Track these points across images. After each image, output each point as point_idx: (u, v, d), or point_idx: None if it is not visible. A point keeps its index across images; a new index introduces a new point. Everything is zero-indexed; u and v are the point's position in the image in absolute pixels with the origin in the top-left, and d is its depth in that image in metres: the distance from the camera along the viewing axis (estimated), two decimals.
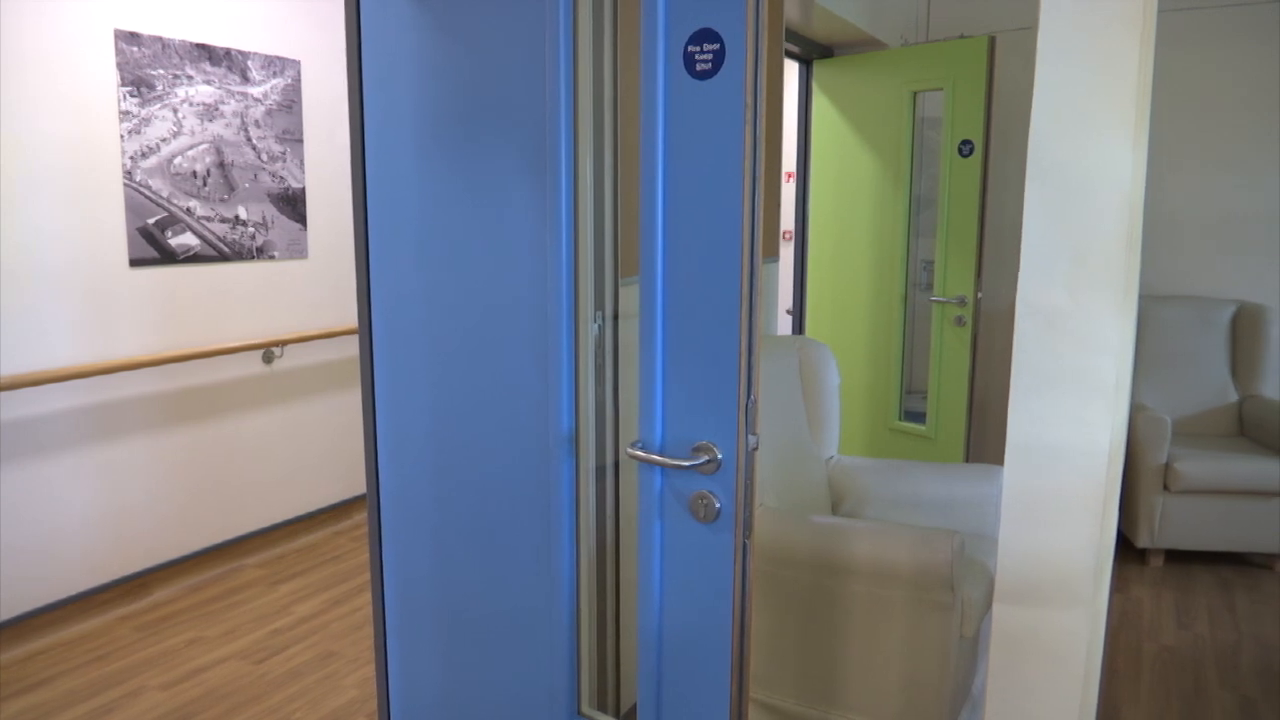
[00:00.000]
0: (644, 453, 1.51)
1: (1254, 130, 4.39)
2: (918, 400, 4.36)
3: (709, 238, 1.43)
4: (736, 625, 1.51)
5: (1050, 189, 1.28)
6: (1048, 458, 1.35)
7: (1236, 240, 4.47)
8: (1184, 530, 3.89)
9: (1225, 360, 4.31)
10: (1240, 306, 4.33)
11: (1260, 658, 3.22)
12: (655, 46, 1.49)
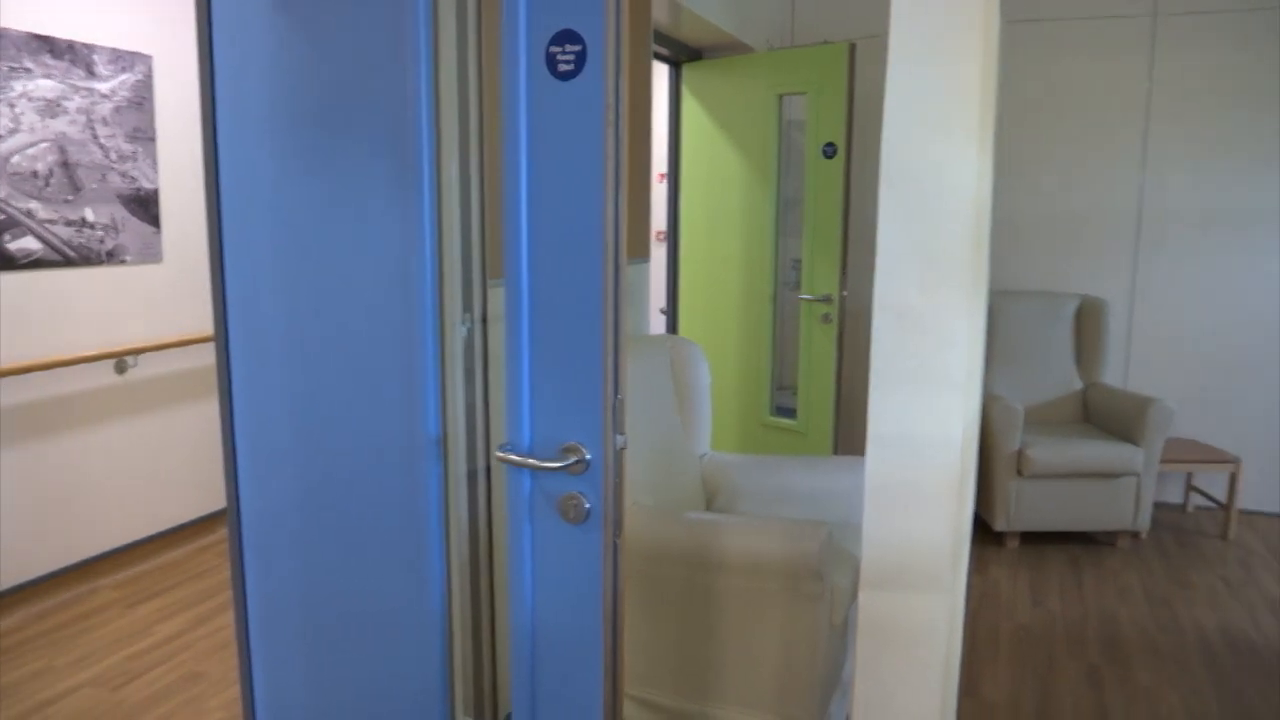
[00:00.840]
0: (512, 455, 1.50)
1: (1094, 135, 4.68)
2: (789, 396, 4.47)
3: (572, 238, 1.43)
4: (609, 624, 1.51)
5: (902, 192, 1.33)
6: (906, 449, 1.41)
7: (1079, 238, 4.75)
8: (1037, 513, 4.10)
9: (1070, 351, 4.58)
10: (1083, 300, 4.60)
11: (1104, 629, 3.43)
12: (516, 47, 1.48)
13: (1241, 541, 4.34)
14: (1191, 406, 4.72)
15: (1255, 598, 3.73)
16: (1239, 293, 4.60)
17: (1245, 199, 4.53)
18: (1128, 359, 4.76)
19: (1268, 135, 4.47)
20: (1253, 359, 4.62)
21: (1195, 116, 4.55)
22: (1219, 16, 4.45)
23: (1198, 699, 2.96)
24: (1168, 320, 4.70)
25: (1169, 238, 4.64)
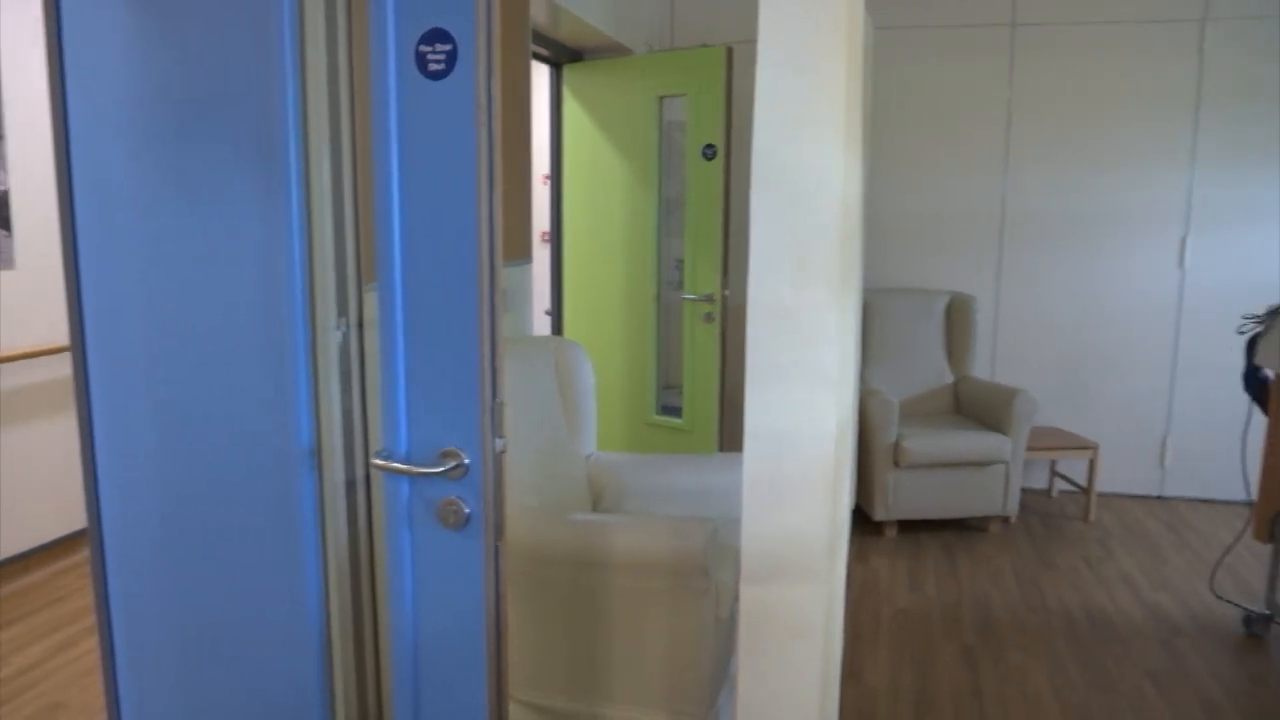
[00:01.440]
0: (389, 462, 1.47)
1: (960, 139, 4.88)
2: (675, 394, 4.51)
3: (446, 240, 1.41)
4: (492, 629, 1.50)
5: (773, 193, 1.36)
6: (781, 444, 1.43)
7: (948, 237, 4.95)
8: (914, 502, 4.26)
9: (941, 346, 4.77)
10: (952, 297, 4.79)
11: (978, 611, 3.58)
12: (385, 46, 1.45)
13: (1101, 522, 4.59)
14: (1054, 396, 4.97)
15: (1113, 575, 3.95)
16: (1094, 288, 4.87)
17: (1097, 200, 4.80)
18: (994, 352, 4.99)
19: (1116, 141, 4.74)
20: (1108, 351, 4.90)
21: (1051, 122, 4.79)
22: (1070, 28, 4.70)
23: (1062, 674, 3.12)
24: (1030, 315, 4.94)
25: (1029, 236, 4.88)
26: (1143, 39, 4.67)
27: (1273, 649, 3.32)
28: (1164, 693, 3.01)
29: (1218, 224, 4.74)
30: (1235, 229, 4.73)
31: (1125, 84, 4.71)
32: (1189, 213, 4.75)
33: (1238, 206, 4.71)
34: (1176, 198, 4.75)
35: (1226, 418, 4.80)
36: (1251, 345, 3.23)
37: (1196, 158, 4.70)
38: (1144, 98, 4.71)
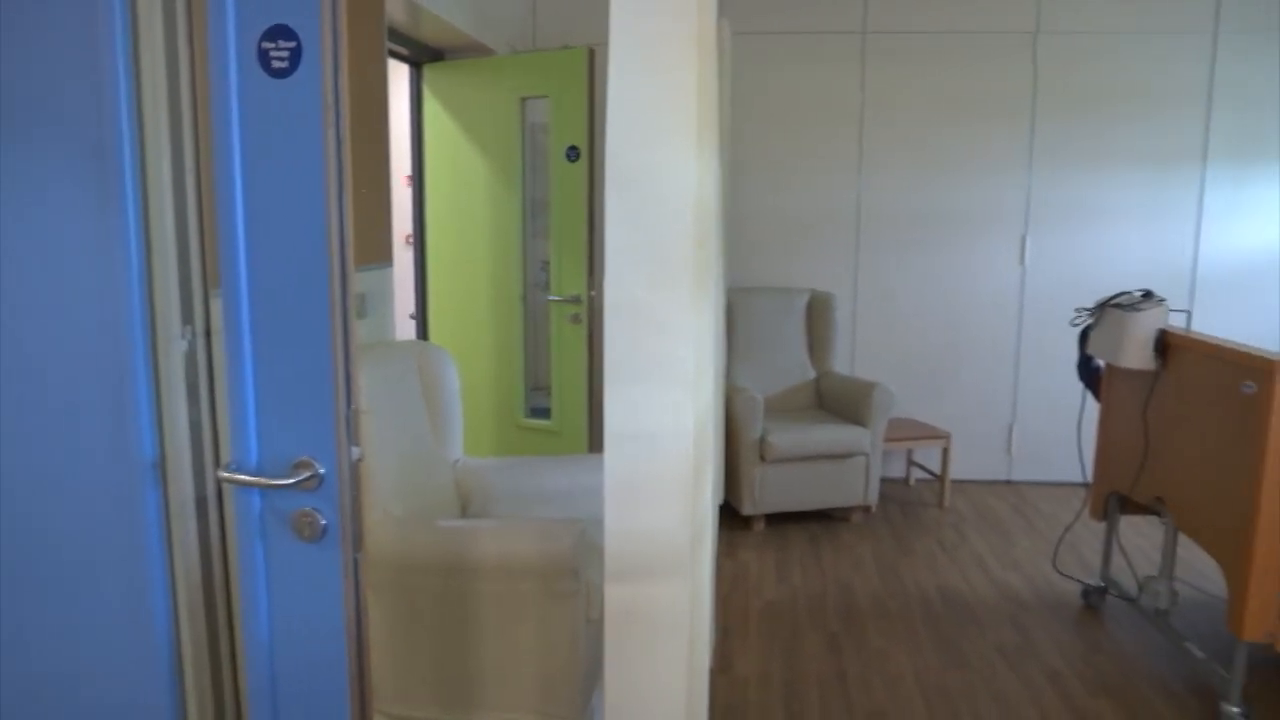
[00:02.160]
0: (238, 474, 1.41)
1: (818, 141, 5.04)
2: (544, 396, 4.50)
3: (295, 244, 1.36)
4: (353, 643, 1.46)
5: (626, 195, 1.37)
6: (641, 442, 1.45)
7: (807, 237, 5.10)
8: (780, 495, 4.37)
9: (803, 342, 4.91)
10: (812, 295, 4.94)
11: (842, 598, 3.70)
12: (225, 42, 1.39)
13: (955, 508, 4.82)
14: (909, 389, 5.19)
15: (966, 557, 4.15)
16: (944, 285, 5.11)
17: (945, 201, 5.04)
18: (854, 347, 5.17)
19: (961, 144, 4.99)
20: (958, 344, 5.15)
21: (901, 126, 5.00)
22: (917, 37, 4.91)
23: (921, 654, 3.26)
24: (886, 311, 5.14)
25: (884, 236, 5.08)
26: (983, 49, 4.92)
27: (1107, 619, 3.56)
28: (1013, 666, 3.18)
29: (1053, 223, 5.04)
30: (1069, 228, 5.04)
31: (968, 90, 4.96)
32: (1028, 213, 5.04)
33: (1071, 207, 5.02)
34: (1016, 198, 5.02)
35: (1065, 405, 5.11)
36: (1084, 336, 3.45)
37: (1033, 161, 4.99)
38: (985, 104, 4.96)
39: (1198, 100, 4.93)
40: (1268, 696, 3.00)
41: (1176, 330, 3.11)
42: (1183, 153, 4.97)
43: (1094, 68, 4.91)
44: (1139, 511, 3.50)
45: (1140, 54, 4.90)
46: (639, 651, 1.61)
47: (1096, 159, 4.98)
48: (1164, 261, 5.06)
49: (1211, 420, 2.85)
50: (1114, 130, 4.96)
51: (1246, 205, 5.01)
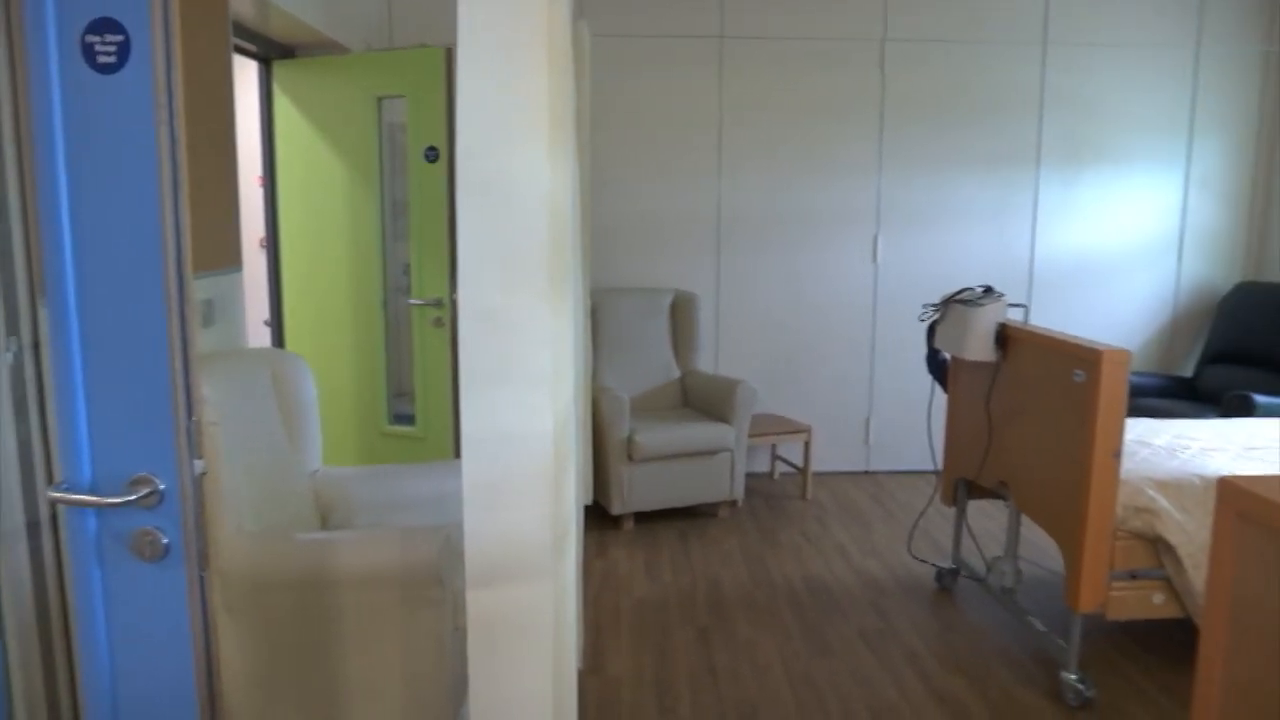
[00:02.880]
0: (70, 494, 1.33)
1: (679, 143, 5.10)
2: (408, 402, 4.41)
3: (126, 248, 1.29)
4: (201, 667, 1.40)
5: (478, 198, 1.36)
6: (499, 446, 1.44)
7: (670, 237, 5.16)
8: (649, 494, 4.41)
9: (668, 342, 4.97)
10: (676, 294, 5.00)
11: (711, 592, 3.77)
12: (45, 35, 1.31)
13: (817, 499, 4.97)
14: (772, 385, 5.32)
15: (829, 546, 4.29)
16: (802, 283, 5.26)
17: (801, 202, 5.19)
18: (717, 346, 5.26)
19: (815, 146, 5.15)
20: (816, 340, 5.31)
21: (759, 128, 5.12)
22: (772, 42, 5.04)
23: (788, 643, 3.35)
24: (748, 309, 5.26)
25: (744, 236, 5.19)
26: (835, 55, 5.09)
27: (959, 598, 3.74)
28: (874, 649, 3.30)
29: (903, 223, 5.26)
30: (917, 227, 5.27)
31: (822, 95, 5.12)
32: (879, 213, 5.24)
33: (918, 207, 5.25)
34: (868, 199, 5.22)
35: (917, 397, 5.35)
36: (931, 331, 3.61)
37: (883, 163, 5.20)
38: (838, 108, 5.14)
39: (1031, 106, 5.23)
40: (1101, 663, 3.21)
41: (1015, 324, 3.30)
42: (1019, 156, 5.27)
43: (937, 74, 5.15)
44: (985, 496, 3.69)
45: (979, 62, 5.17)
46: (503, 657, 1.59)
47: (941, 161, 5.23)
48: (1004, 258, 5.35)
49: (1047, 407, 3.03)
50: (956, 134, 5.21)
51: (1076, 205, 5.35)
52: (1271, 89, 5.38)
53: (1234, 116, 5.40)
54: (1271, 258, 5.41)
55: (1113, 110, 5.30)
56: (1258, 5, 5.30)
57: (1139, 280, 5.46)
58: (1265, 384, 4.77)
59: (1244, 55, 5.34)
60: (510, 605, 1.53)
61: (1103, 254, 5.42)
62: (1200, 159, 5.40)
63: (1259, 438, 3.54)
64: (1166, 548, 2.86)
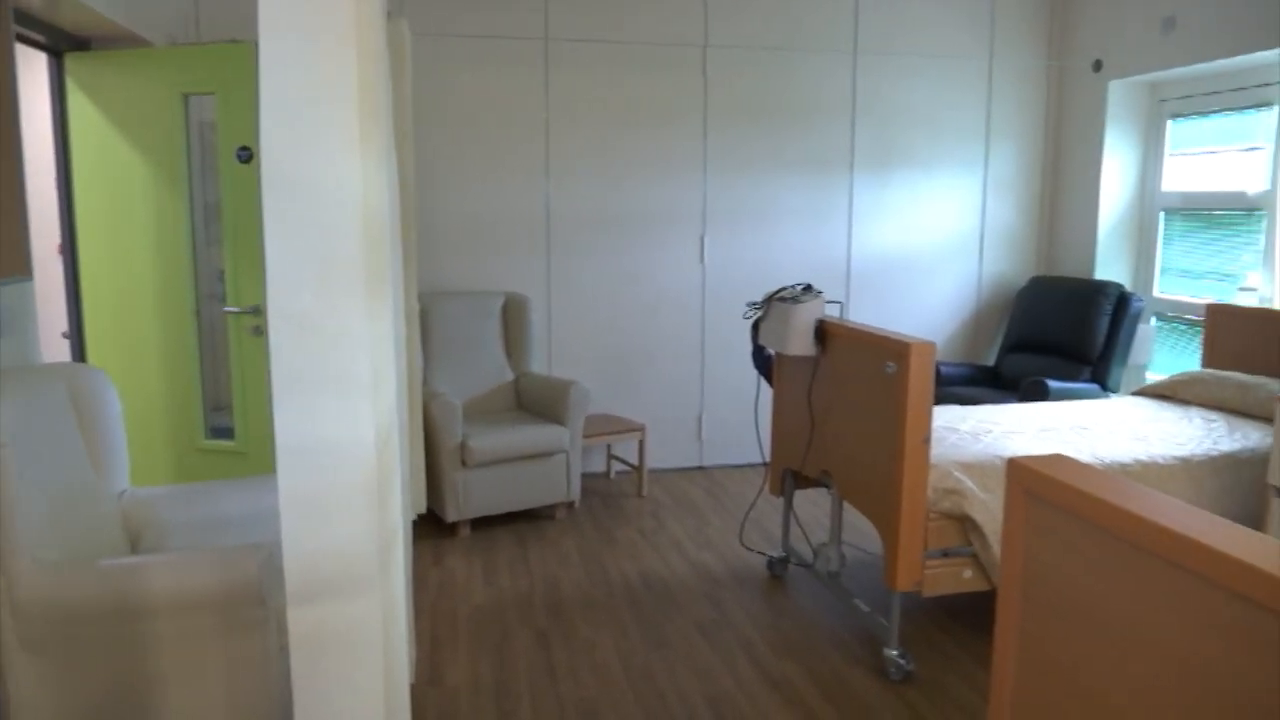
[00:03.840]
0: None
1: (507, 145, 5.07)
2: (226, 415, 4.19)
3: None
4: None
5: (285, 199, 1.31)
6: (317, 456, 1.39)
7: (500, 239, 5.12)
8: (484, 499, 4.36)
9: (500, 345, 4.93)
10: (507, 297, 4.97)
11: (549, 594, 3.76)
12: None
13: (653, 496, 5.05)
14: (605, 385, 5.36)
15: (665, 542, 4.36)
16: (632, 283, 5.33)
17: (630, 203, 5.26)
18: (550, 347, 5.26)
19: (642, 148, 5.22)
20: (648, 339, 5.39)
21: (585, 130, 5.15)
22: (597, 45, 5.08)
23: (626, 639, 3.38)
24: (579, 310, 5.28)
25: (574, 237, 5.22)
26: (658, 59, 5.18)
27: (790, 585, 3.88)
28: (710, 640, 3.39)
29: (728, 223, 5.41)
30: (742, 227, 5.44)
31: (647, 97, 5.20)
32: (705, 214, 5.38)
33: (742, 208, 5.42)
34: (694, 200, 5.34)
35: (745, 392, 5.52)
36: (755, 328, 3.73)
37: (707, 165, 5.33)
38: (663, 110, 5.23)
39: (844, 111, 5.49)
40: (920, 638, 3.41)
41: (832, 319, 3.45)
42: (834, 159, 5.52)
43: (757, 80, 5.33)
44: (810, 485, 3.85)
45: (795, 68, 5.38)
46: (330, 675, 1.54)
47: (763, 163, 5.41)
48: (823, 257, 5.59)
49: (863, 398, 3.18)
50: (777, 137, 5.41)
51: (887, 206, 5.65)
52: (1055, 99, 5.85)
53: (1024, 124, 5.83)
54: (1061, 254, 5.88)
55: (918, 116, 5.63)
56: (1041, 22, 5.75)
57: (945, 276, 5.83)
58: (1058, 370, 5.18)
59: (1031, 68, 5.78)
60: (335, 621, 1.48)
61: (913, 252, 5.75)
62: (996, 163, 5.81)
63: (1052, 420, 3.84)
64: (973, 526, 3.06)
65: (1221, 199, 5.01)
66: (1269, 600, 1.09)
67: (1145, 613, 1.29)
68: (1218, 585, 1.16)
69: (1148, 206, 5.53)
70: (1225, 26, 4.62)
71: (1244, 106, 4.89)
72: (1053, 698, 1.49)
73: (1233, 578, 1.14)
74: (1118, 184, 5.54)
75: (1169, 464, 3.38)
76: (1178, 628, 1.23)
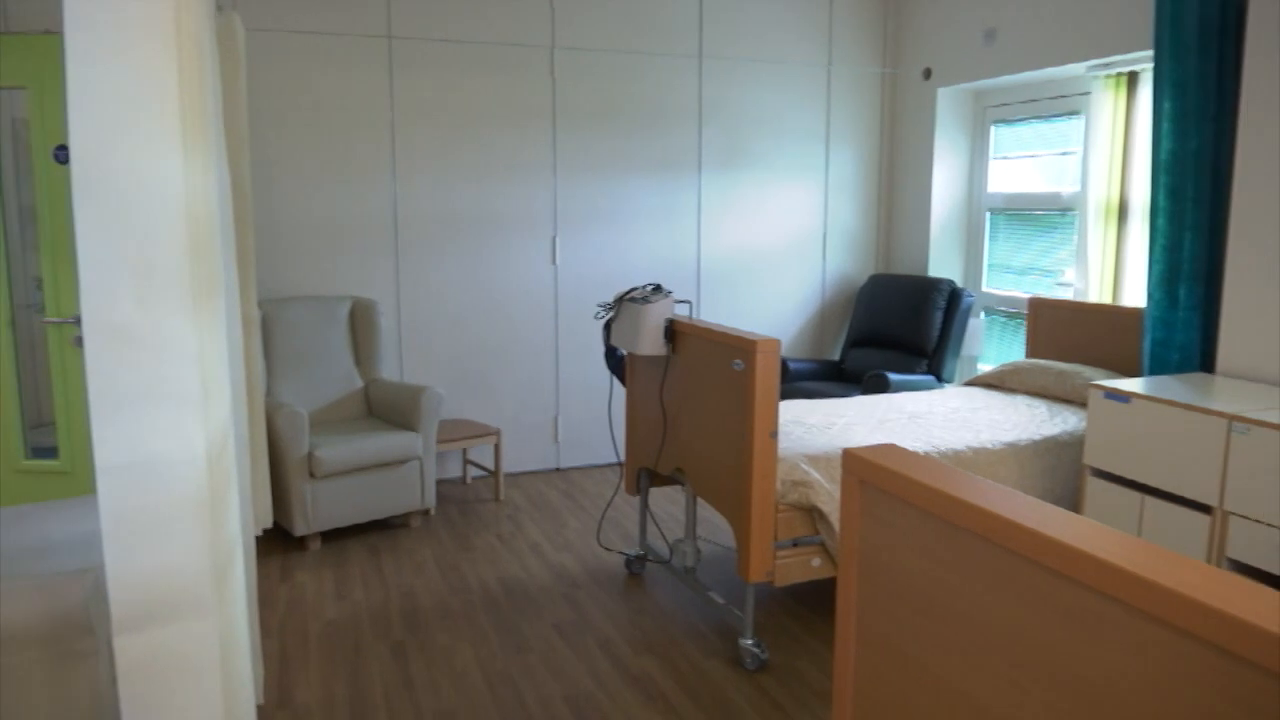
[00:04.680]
0: None
1: (351, 144, 4.92)
2: (49, 433, 3.91)
3: None
4: None
5: (100, 201, 1.23)
6: (141, 474, 1.32)
7: (345, 242, 4.97)
8: (335, 510, 4.22)
9: (348, 351, 4.78)
10: (354, 301, 4.83)
11: (405, 605, 3.68)
12: None
13: (511, 500, 5.01)
14: (460, 389, 5.28)
15: (523, 545, 4.33)
16: (486, 286, 5.27)
17: (482, 204, 5.19)
18: (401, 353, 5.15)
19: (494, 149, 5.17)
20: (502, 342, 5.34)
21: (433, 130, 5.06)
22: (443, 45, 5.00)
23: (485, 645, 3.34)
24: (431, 314, 5.18)
25: (423, 239, 5.12)
26: (506, 59, 5.14)
27: (648, 582, 3.92)
28: (569, 641, 3.39)
29: (580, 224, 5.43)
30: (593, 228, 5.46)
31: (496, 99, 5.15)
32: (556, 215, 5.37)
33: (593, 209, 5.44)
34: (546, 201, 5.33)
35: (600, 393, 5.54)
36: (607, 329, 3.76)
37: (558, 166, 5.33)
38: (512, 112, 5.20)
39: (691, 114, 5.59)
40: (774, 627, 3.50)
41: (682, 319, 3.51)
42: (683, 160, 5.61)
43: (605, 82, 5.36)
44: (666, 483, 3.90)
45: (642, 71, 5.44)
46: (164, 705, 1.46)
47: (613, 165, 5.45)
48: (674, 257, 5.68)
49: (713, 396, 3.25)
50: (626, 139, 5.46)
51: (735, 206, 5.78)
52: (889, 105, 6.13)
53: (862, 128, 6.09)
54: (897, 252, 6.17)
55: (763, 120, 5.79)
56: (875, 32, 6.01)
57: (792, 274, 6.01)
58: (897, 363, 5.42)
59: (867, 75, 6.04)
60: (168, 647, 1.41)
61: (760, 251, 5.90)
62: (836, 166, 6.03)
63: (892, 411, 4.02)
64: (820, 515, 3.17)
65: (1040, 200, 5.36)
66: (1081, 575, 1.17)
67: (972, 591, 1.36)
68: (1034, 563, 1.25)
69: (975, 207, 5.87)
70: (1041, 40, 4.95)
71: (1058, 114, 5.25)
72: (891, 677, 1.56)
73: (1046, 555, 1.22)
74: (948, 186, 5.85)
75: (998, 449, 3.59)
76: (1001, 605, 1.31)
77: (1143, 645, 1.11)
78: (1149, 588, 1.08)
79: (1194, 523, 3.07)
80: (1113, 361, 4.39)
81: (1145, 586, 1.09)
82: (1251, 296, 3.46)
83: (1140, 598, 1.09)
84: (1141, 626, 1.11)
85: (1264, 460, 2.83)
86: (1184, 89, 3.71)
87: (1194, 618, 1.03)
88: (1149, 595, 1.08)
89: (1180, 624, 1.05)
